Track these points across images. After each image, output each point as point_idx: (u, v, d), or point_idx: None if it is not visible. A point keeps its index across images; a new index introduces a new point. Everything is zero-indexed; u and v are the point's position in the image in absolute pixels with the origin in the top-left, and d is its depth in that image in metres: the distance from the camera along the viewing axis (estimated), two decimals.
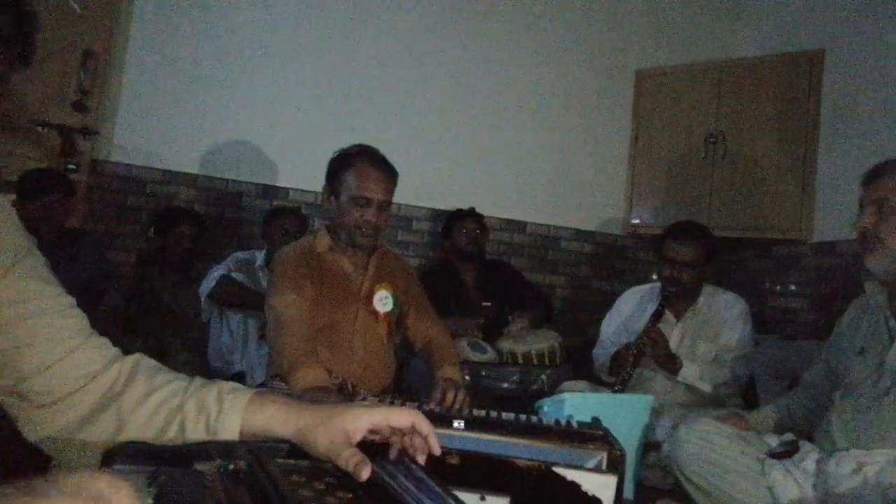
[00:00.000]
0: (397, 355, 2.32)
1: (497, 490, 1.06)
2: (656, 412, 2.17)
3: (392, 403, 1.68)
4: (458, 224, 3.44)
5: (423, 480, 0.71)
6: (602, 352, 2.69)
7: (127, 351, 0.88)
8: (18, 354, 0.78)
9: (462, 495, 1.06)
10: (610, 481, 1.15)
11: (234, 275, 3.03)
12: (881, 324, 1.71)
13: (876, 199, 1.63)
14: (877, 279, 1.72)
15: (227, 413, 0.80)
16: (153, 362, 0.87)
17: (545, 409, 1.92)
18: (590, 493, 1.12)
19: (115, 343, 0.87)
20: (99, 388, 0.81)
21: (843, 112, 3.36)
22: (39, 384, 0.79)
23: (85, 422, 0.79)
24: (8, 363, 0.78)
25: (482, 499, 1.05)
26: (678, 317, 2.60)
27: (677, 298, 2.57)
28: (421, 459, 0.78)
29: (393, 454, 0.79)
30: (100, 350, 0.84)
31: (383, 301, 2.11)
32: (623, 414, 1.94)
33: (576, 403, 1.81)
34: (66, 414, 0.79)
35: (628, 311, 2.73)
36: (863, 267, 1.70)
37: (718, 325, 2.55)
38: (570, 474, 1.11)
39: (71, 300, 0.84)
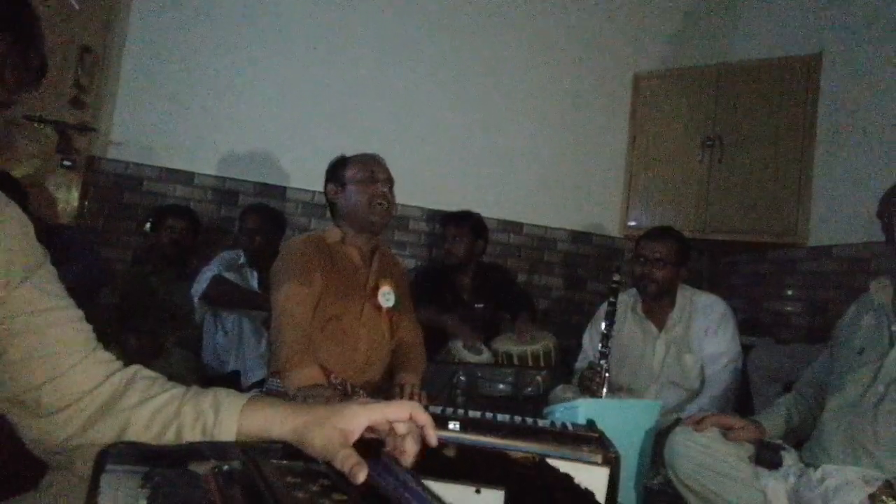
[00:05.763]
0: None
1: (492, 483, 1.06)
2: None
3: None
4: (447, 229, 3.40)
5: (406, 482, 0.70)
6: (583, 366, 2.63)
7: (121, 347, 0.89)
8: (30, 365, 0.80)
9: (457, 488, 1.06)
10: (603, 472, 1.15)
11: (226, 275, 2.98)
12: (883, 326, 1.69)
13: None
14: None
15: (224, 417, 0.80)
16: (151, 373, 0.88)
17: (557, 414, 1.90)
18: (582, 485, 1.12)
19: (109, 340, 0.87)
20: (99, 399, 0.82)
21: (840, 116, 3.36)
22: (47, 395, 0.80)
23: (83, 430, 0.80)
24: (18, 373, 0.79)
25: (477, 492, 1.04)
26: (660, 327, 2.56)
27: (652, 299, 2.55)
28: (406, 462, 0.76)
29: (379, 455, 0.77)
30: (103, 363, 0.85)
31: (386, 297, 2.15)
32: (634, 419, 1.94)
33: (590, 410, 1.79)
34: (67, 424, 0.80)
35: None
36: (871, 266, 1.69)
37: (701, 332, 2.50)
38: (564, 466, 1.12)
39: (79, 313, 0.86)
